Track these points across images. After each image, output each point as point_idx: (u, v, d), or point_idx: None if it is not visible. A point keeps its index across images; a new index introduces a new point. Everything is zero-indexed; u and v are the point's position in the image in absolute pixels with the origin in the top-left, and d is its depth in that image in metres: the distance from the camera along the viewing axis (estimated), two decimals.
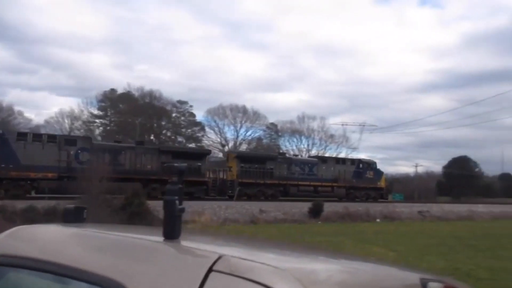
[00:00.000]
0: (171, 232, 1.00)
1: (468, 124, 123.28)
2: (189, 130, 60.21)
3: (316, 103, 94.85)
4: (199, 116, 63.35)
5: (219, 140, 58.65)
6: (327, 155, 44.91)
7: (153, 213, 16.50)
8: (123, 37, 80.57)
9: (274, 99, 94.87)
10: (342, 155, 59.52)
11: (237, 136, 59.58)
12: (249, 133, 60.66)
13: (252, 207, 21.42)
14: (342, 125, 62.19)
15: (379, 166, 35.38)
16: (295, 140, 62.21)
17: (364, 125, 62.07)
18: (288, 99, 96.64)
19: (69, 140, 23.07)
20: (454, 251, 11.61)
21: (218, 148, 56.21)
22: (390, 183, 45.09)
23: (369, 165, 34.22)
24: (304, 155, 46.07)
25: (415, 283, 1.00)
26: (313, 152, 59.57)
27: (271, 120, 64.20)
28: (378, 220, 22.21)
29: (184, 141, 55.76)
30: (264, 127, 62.12)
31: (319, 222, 19.93)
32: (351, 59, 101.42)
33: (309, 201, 23.26)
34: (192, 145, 53.24)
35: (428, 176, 71.30)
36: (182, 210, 0.98)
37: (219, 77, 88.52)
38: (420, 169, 69.93)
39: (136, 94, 55.33)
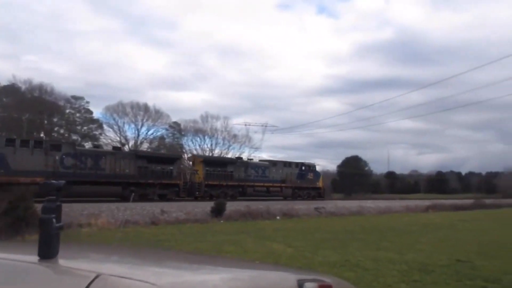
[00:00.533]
0: (47, 252, 0.91)
1: (360, 127, 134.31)
2: (85, 128, 56.62)
3: (220, 103, 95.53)
4: (97, 113, 60.00)
5: (118, 138, 56.04)
6: (237, 155, 46.13)
7: None
8: (7, 23, 73.10)
9: (178, 98, 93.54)
10: (245, 155, 60.88)
11: (138, 135, 57.55)
12: (151, 132, 58.97)
13: (153, 207, 20.84)
14: (245, 125, 63.57)
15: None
16: (198, 139, 61.97)
17: (266, 126, 64.15)
18: (192, 98, 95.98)
19: (54, 146, 23.90)
20: (346, 244, 12.48)
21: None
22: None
23: (310, 167, 38.30)
24: (208, 155, 46.17)
25: (293, 285, 1.04)
26: (216, 151, 59.97)
27: (174, 119, 63.17)
28: (278, 217, 23.01)
29: (79, 139, 52.22)
30: (166, 126, 60.85)
31: (221, 221, 20.07)
32: (255, 61, 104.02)
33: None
34: (89, 143, 50.13)
35: (324, 174, 75.89)
36: (60, 228, 0.89)
37: (119, 73, 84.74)
38: (318, 168, 74.12)
39: (23, 87, 50.45)
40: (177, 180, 27.85)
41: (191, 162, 31.73)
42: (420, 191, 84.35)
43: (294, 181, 35.43)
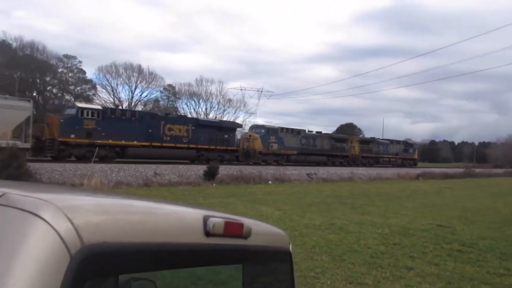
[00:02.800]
0: None
1: (355, 94, 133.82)
2: (78, 88, 56.01)
3: (215, 67, 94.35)
4: (90, 73, 59.23)
5: (112, 100, 55.61)
6: (231, 119, 47.05)
7: (35, 176, 15.36)
8: None
9: (171, 60, 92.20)
10: (240, 120, 60.95)
11: (132, 97, 57.13)
12: (145, 94, 58.53)
13: (146, 169, 21.05)
14: (241, 89, 63.37)
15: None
16: (193, 103, 61.70)
17: (261, 91, 64.02)
18: (186, 61, 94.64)
19: (297, 131, 38.74)
20: (332, 208, 12.79)
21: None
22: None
23: (411, 144, 55.13)
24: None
25: (198, 219, 1.11)
26: (211, 115, 59.92)
27: (168, 81, 62.55)
28: (270, 182, 23.35)
29: (72, 99, 51.79)
30: (161, 89, 60.35)
31: (214, 185, 20.34)
32: (249, 25, 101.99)
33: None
34: (82, 103, 49.64)
35: None
36: None
37: (112, 33, 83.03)
38: None
39: (14, 44, 49.48)
40: (348, 153, 43.07)
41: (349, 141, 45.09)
42: None
43: (402, 154, 51.23)
